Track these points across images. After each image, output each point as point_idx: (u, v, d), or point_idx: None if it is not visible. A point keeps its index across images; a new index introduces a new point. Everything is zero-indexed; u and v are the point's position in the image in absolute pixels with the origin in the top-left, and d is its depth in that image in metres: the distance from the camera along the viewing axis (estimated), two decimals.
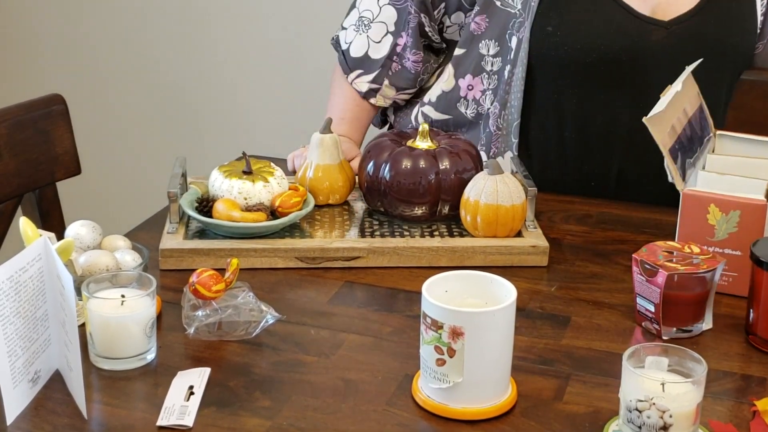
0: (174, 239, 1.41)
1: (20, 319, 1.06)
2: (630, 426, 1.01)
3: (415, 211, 1.46)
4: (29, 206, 1.71)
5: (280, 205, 1.44)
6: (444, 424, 1.07)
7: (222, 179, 1.45)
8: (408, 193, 1.45)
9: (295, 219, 1.44)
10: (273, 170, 1.48)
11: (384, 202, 1.47)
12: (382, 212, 1.50)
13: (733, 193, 1.30)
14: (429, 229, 1.47)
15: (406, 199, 1.45)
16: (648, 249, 1.26)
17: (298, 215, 1.44)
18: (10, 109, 1.67)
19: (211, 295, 1.20)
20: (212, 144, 2.71)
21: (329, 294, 1.33)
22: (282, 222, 1.42)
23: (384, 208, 1.48)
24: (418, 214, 1.47)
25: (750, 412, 1.09)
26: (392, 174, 1.45)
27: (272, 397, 1.10)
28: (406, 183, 1.44)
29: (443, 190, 1.45)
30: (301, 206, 1.45)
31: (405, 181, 1.44)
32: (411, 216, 1.47)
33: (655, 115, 1.31)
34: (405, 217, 1.47)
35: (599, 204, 1.66)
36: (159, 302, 1.25)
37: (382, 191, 1.46)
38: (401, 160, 1.45)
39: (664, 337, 1.22)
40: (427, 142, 1.48)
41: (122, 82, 2.72)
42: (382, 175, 1.46)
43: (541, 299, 1.33)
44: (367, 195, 1.50)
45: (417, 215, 1.47)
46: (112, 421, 1.06)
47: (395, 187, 1.45)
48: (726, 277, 1.32)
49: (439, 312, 1.04)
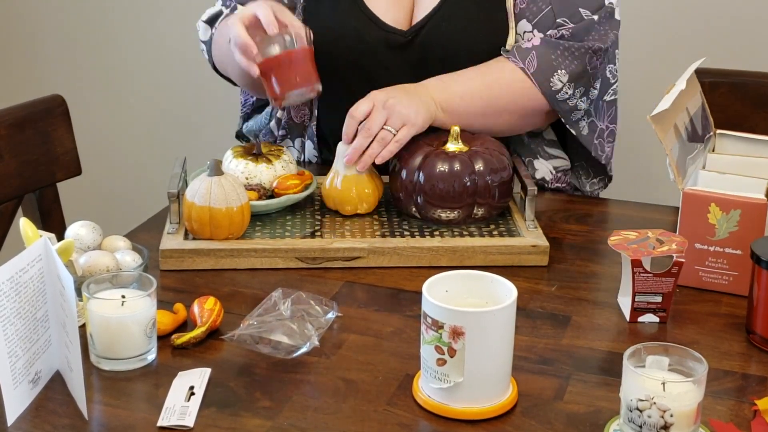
0: (174, 240, 1.41)
1: (21, 319, 1.06)
2: (631, 425, 1.01)
3: (451, 214, 1.45)
4: (30, 207, 1.71)
5: (277, 186, 1.46)
6: (444, 424, 1.07)
7: (231, 158, 1.51)
8: (444, 196, 1.43)
9: (287, 202, 1.46)
10: (282, 154, 1.51)
11: (419, 206, 1.45)
12: (417, 217, 1.48)
13: (733, 192, 1.30)
14: (429, 229, 1.46)
15: (442, 203, 1.43)
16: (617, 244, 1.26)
17: (290, 198, 1.45)
18: (10, 110, 1.67)
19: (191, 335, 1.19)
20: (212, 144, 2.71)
21: (329, 294, 1.33)
22: (271, 203, 1.45)
23: (419, 212, 1.46)
24: (454, 218, 1.45)
25: (751, 411, 1.09)
26: (427, 178, 1.43)
27: (273, 398, 1.10)
28: (442, 186, 1.43)
29: (479, 192, 1.44)
30: (300, 189, 1.47)
31: (441, 184, 1.43)
32: (447, 219, 1.46)
33: (658, 114, 1.31)
34: (441, 221, 1.46)
35: (599, 204, 1.67)
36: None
37: (417, 195, 1.45)
38: (436, 164, 1.44)
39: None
40: (458, 144, 1.47)
41: (122, 82, 2.72)
42: (417, 179, 1.44)
43: (542, 299, 1.33)
44: (402, 200, 1.47)
45: (453, 218, 1.45)
46: (113, 422, 1.06)
47: (431, 191, 1.43)
48: (726, 277, 1.32)
49: (440, 312, 1.04)
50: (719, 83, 1.84)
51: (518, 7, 1.61)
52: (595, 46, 1.59)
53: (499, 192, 1.46)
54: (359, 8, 1.64)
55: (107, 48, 2.70)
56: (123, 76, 2.71)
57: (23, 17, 2.73)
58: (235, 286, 1.35)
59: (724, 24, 2.20)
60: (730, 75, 1.86)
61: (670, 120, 1.37)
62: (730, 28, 2.20)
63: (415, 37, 1.63)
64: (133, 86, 2.72)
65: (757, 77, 1.86)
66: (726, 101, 1.83)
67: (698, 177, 1.40)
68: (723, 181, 1.37)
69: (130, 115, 2.75)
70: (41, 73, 2.77)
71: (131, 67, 2.70)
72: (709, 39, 2.19)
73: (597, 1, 1.61)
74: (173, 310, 1.24)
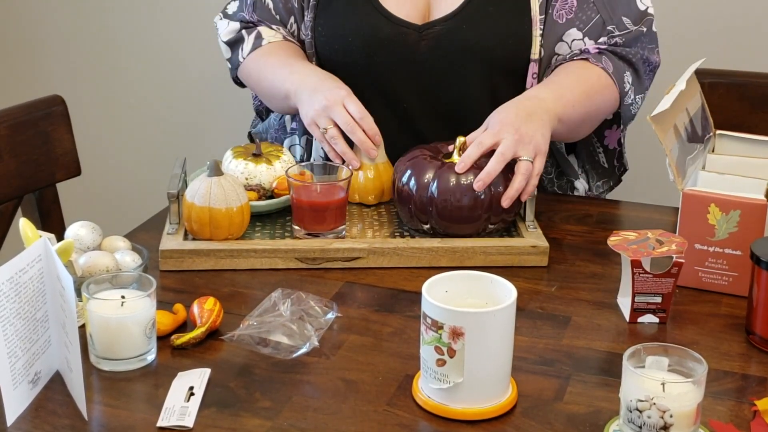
0: (174, 240, 1.41)
1: (20, 320, 1.06)
2: (630, 426, 1.01)
3: (465, 228, 1.42)
4: (29, 207, 1.71)
5: (276, 186, 1.47)
6: (444, 424, 1.07)
7: (231, 159, 1.51)
8: (460, 210, 1.40)
9: (287, 202, 1.46)
10: (281, 154, 1.51)
11: (432, 222, 1.42)
12: (430, 234, 1.44)
13: (733, 193, 1.30)
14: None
15: (458, 216, 1.40)
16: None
17: (290, 198, 1.46)
18: (10, 110, 1.67)
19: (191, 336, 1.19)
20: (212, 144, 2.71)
21: (329, 295, 1.33)
22: (271, 203, 1.45)
23: (433, 228, 1.43)
24: (469, 232, 1.42)
25: (750, 411, 1.09)
26: (441, 192, 1.40)
27: (272, 398, 1.10)
28: (457, 200, 1.40)
29: (493, 204, 1.40)
30: None
31: (455, 198, 1.39)
32: (461, 233, 1.42)
33: (658, 114, 1.31)
34: (456, 235, 1.42)
35: (599, 204, 1.67)
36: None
37: (431, 211, 1.41)
38: (449, 178, 1.41)
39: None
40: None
41: (122, 82, 2.72)
42: (429, 194, 1.40)
43: (542, 299, 1.33)
44: (416, 216, 1.43)
45: (468, 233, 1.42)
46: (113, 422, 1.06)
47: (443, 205, 1.40)
48: (726, 277, 1.32)
49: (440, 312, 1.04)
50: (719, 84, 1.84)
51: (564, 17, 1.62)
52: (645, 55, 1.64)
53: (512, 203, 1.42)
54: (372, 5, 1.64)
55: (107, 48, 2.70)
56: (123, 76, 2.71)
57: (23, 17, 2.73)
58: (235, 286, 1.35)
59: (723, 24, 2.20)
60: (730, 75, 1.86)
61: (670, 120, 1.37)
62: (729, 29, 2.20)
63: (430, 34, 1.62)
64: (132, 87, 2.72)
65: (756, 78, 1.86)
66: (725, 102, 1.83)
67: (698, 177, 1.40)
68: (722, 181, 1.37)
69: (130, 115, 2.75)
70: (41, 73, 2.77)
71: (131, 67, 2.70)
72: (708, 39, 2.19)
73: (637, 10, 1.64)
74: (173, 310, 1.24)
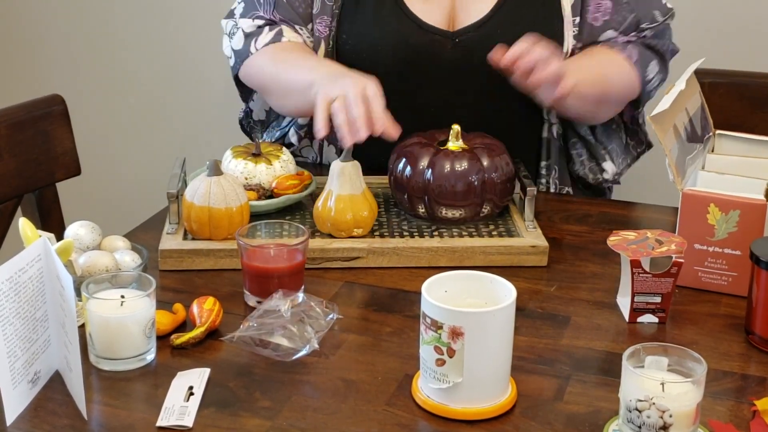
0: (173, 240, 1.41)
1: (20, 319, 1.06)
2: (630, 426, 1.01)
3: (458, 212, 1.45)
4: (29, 207, 1.71)
5: (276, 186, 1.46)
6: (444, 424, 1.07)
7: (230, 158, 1.50)
8: (454, 195, 1.43)
9: (286, 202, 1.46)
10: (281, 154, 1.51)
11: (427, 206, 1.45)
12: (423, 218, 1.47)
13: (732, 193, 1.30)
14: (429, 229, 1.46)
15: (452, 201, 1.44)
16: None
17: (289, 198, 1.46)
18: (10, 110, 1.67)
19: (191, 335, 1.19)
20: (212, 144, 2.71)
21: (329, 294, 1.33)
22: (271, 203, 1.45)
23: (426, 212, 1.46)
24: (461, 216, 1.45)
25: (750, 411, 1.09)
26: (436, 177, 1.43)
27: (272, 398, 1.10)
28: (451, 185, 1.43)
29: (487, 189, 1.44)
30: (299, 189, 1.47)
31: (449, 183, 1.43)
32: (454, 218, 1.46)
33: (658, 114, 1.31)
34: (449, 220, 1.46)
35: (599, 204, 1.67)
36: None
37: (425, 196, 1.44)
38: (443, 163, 1.44)
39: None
40: (459, 143, 1.47)
41: (122, 82, 2.72)
42: (424, 179, 1.44)
43: (541, 299, 1.33)
44: (408, 200, 1.46)
45: (461, 217, 1.46)
46: (112, 422, 1.06)
47: (439, 190, 1.43)
48: (725, 277, 1.32)
49: (439, 312, 1.04)
50: (719, 84, 1.84)
51: (600, 20, 1.65)
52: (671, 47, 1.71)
53: (504, 189, 1.47)
54: (402, 11, 1.62)
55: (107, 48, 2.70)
56: (123, 76, 2.71)
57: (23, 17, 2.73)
58: (235, 286, 1.34)
59: (723, 24, 2.20)
60: (730, 75, 1.86)
61: (670, 120, 1.37)
62: (729, 29, 2.20)
63: (464, 41, 1.61)
64: (132, 86, 2.72)
65: (756, 78, 1.86)
66: (725, 102, 1.83)
67: (697, 177, 1.40)
68: (722, 181, 1.37)
69: (130, 115, 2.75)
70: (41, 73, 2.77)
71: (131, 67, 2.70)
72: (708, 39, 2.19)
73: (665, 5, 1.69)
74: (172, 310, 1.24)
